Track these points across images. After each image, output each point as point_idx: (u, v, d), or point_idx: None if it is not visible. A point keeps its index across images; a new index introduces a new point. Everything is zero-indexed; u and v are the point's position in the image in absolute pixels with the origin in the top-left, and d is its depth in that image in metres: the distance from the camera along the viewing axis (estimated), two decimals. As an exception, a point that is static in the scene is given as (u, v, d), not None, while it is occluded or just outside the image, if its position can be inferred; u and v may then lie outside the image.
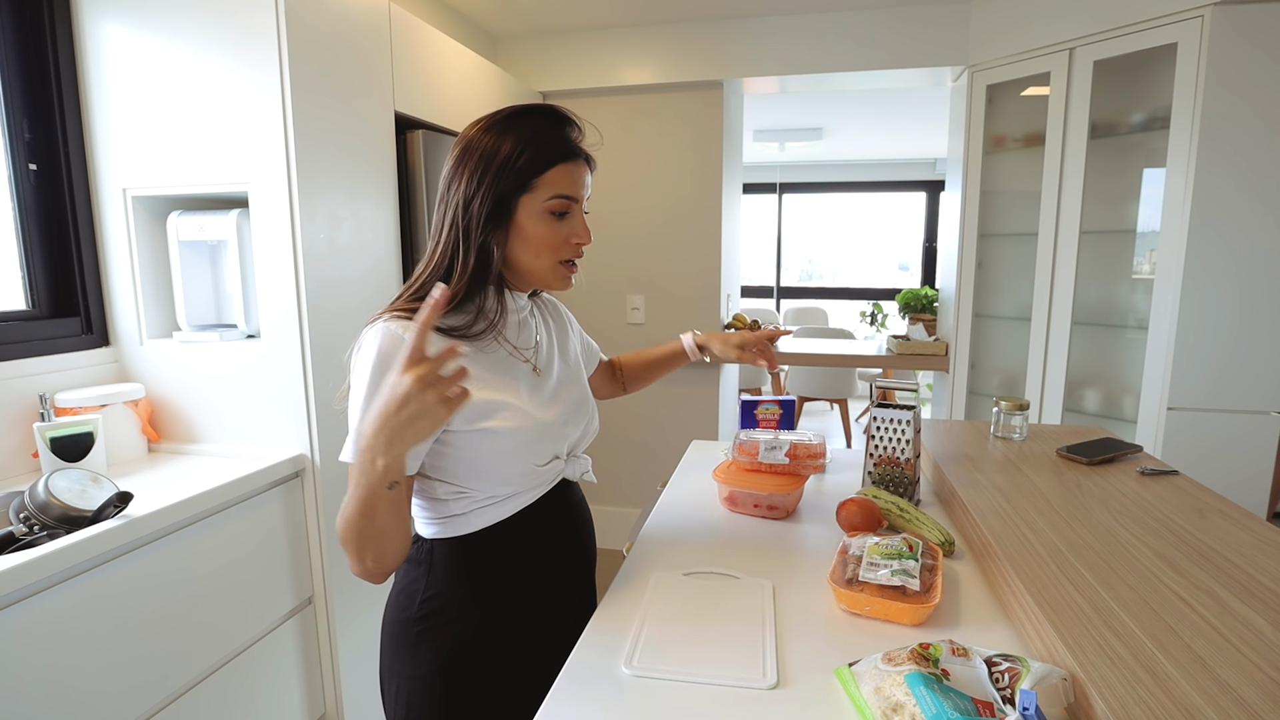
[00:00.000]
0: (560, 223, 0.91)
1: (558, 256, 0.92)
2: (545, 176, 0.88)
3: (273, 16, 1.45)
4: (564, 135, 0.91)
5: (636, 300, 3.09)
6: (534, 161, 0.87)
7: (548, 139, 0.89)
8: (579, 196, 0.91)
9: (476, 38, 2.85)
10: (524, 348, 0.98)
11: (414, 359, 0.69)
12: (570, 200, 0.90)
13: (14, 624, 1.04)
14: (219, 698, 1.41)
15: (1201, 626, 0.75)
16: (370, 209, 1.76)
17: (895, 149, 5.91)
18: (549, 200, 0.88)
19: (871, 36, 2.69)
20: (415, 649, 0.92)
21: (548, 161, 0.88)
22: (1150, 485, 1.22)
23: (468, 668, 0.92)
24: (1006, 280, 2.64)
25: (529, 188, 0.88)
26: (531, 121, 0.89)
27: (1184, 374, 2.04)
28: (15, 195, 1.55)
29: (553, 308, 1.14)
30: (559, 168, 0.89)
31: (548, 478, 0.97)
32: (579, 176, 0.91)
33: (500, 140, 0.88)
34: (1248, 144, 1.92)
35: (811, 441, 1.27)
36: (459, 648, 0.92)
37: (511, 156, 0.87)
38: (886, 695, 0.66)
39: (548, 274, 0.93)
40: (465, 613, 0.92)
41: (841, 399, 4.90)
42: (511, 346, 0.96)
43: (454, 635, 0.92)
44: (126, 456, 1.59)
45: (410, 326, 0.83)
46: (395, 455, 0.72)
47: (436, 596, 0.92)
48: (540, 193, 0.88)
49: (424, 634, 0.92)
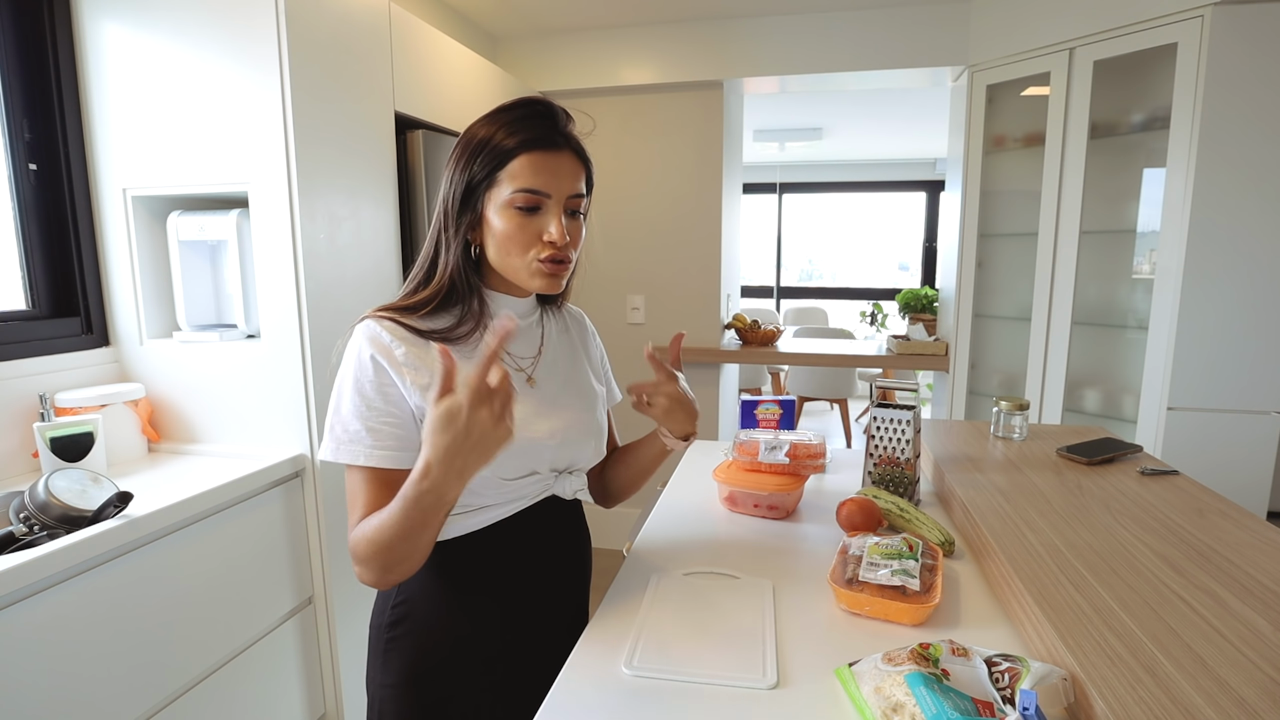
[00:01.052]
0: (528, 218, 0.84)
1: (528, 255, 0.85)
2: (509, 168, 0.83)
3: (273, 17, 1.45)
4: (535, 124, 0.84)
5: (636, 300, 3.09)
6: (498, 152, 0.83)
7: (516, 129, 0.83)
8: (550, 190, 0.84)
9: (476, 38, 2.85)
10: (520, 355, 0.94)
11: (476, 388, 0.67)
12: (536, 194, 0.83)
13: (14, 624, 1.04)
14: (219, 698, 1.41)
15: (1201, 626, 0.75)
16: (370, 209, 1.76)
17: (895, 149, 5.91)
18: (513, 193, 0.83)
19: (871, 36, 2.69)
20: (385, 657, 0.90)
21: (510, 152, 0.83)
22: (1150, 485, 1.22)
23: (439, 680, 0.89)
24: (1006, 280, 2.64)
25: (494, 180, 0.84)
26: (510, 111, 0.85)
27: (1184, 374, 2.04)
28: (15, 195, 1.55)
29: (576, 322, 1.08)
30: (523, 158, 0.82)
31: (526, 492, 0.92)
32: (552, 169, 0.84)
33: (479, 130, 0.85)
34: (1248, 144, 1.91)
35: (811, 441, 1.27)
36: (427, 658, 0.89)
37: (480, 146, 0.84)
38: (886, 695, 0.66)
39: (522, 273, 0.87)
40: (434, 623, 0.89)
41: (841, 399, 4.90)
42: (504, 353, 0.92)
43: (422, 645, 0.89)
44: (126, 456, 1.59)
45: (392, 329, 0.84)
46: (463, 483, 0.72)
47: (405, 604, 0.90)
48: (504, 186, 0.83)
49: (394, 641, 0.90)
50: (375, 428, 0.81)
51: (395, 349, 0.83)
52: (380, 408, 0.82)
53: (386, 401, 0.82)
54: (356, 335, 0.84)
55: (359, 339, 0.84)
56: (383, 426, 0.82)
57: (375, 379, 0.82)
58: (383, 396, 0.82)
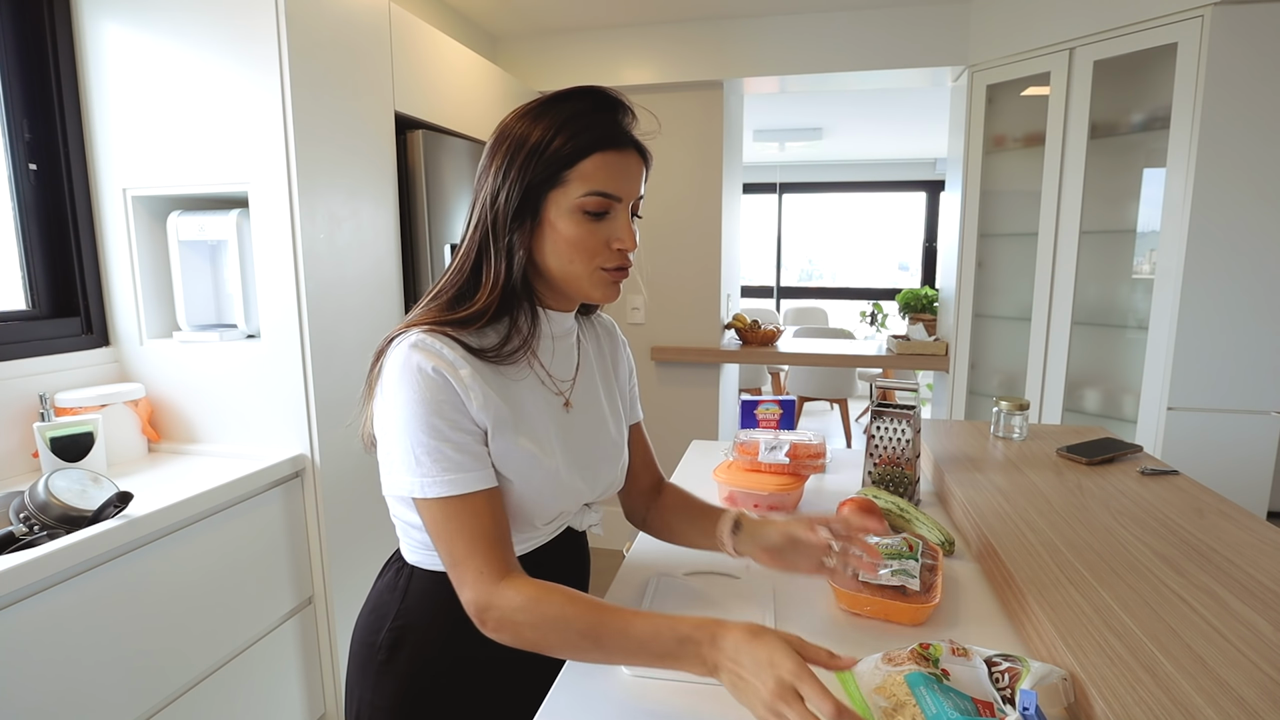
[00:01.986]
0: (597, 223, 0.78)
1: (594, 263, 0.79)
2: (579, 168, 0.75)
3: (273, 16, 1.45)
4: (605, 120, 0.77)
5: (636, 300, 3.09)
6: (565, 150, 0.75)
7: (584, 124, 0.75)
8: (621, 193, 0.78)
9: (476, 38, 2.85)
10: (560, 378, 0.87)
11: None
12: (608, 198, 0.77)
13: (14, 624, 1.04)
14: (219, 698, 1.41)
15: (1201, 626, 0.75)
16: (370, 209, 1.76)
17: (895, 149, 5.91)
18: (582, 197, 0.76)
19: (871, 36, 2.69)
20: (379, 677, 0.85)
21: (580, 151, 0.75)
22: (1150, 485, 1.22)
23: (433, 703, 0.85)
24: (1006, 280, 2.64)
25: (559, 181, 0.76)
26: (569, 105, 0.77)
27: (1184, 374, 2.04)
28: (15, 195, 1.55)
29: (607, 333, 1.01)
30: (594, 158, 0.75)
31: (547, 533, 0.87)
32: (623, 170, 0.78)
33: (532, 126, 0.76)
34: (1248, 144, 1.91)
35: (811, 441, 1.27)
36: (424, 683, 0.84)
37: (541, 144, 0.75)
38: (888, 695, 0.66)
39: (583, 282, 0.80)
40: (433, 649, 0.84)
41: (841, 399, 4.89)
42: (545, 373, 0.85)
43: (419, 670, 0.84)
44: (126, 456, 1.59)
45: (451, 344, 0.75)
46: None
47: (406, 627, 0.84)
48: (573, 187, 0.76)
49: (389, 663, 0.84)
50: (467, 444, 0.75)
51: (460, 368, 0.75)
52: (465, 424, 0.75)
53: (463, 416, 0.75)
54: (408, 351, 0.74)
55: (414, 355, 0.74)
56: (474, 443, 0.75)
57: (449, 397, 0.74)
58: (459, 412, 0.75)
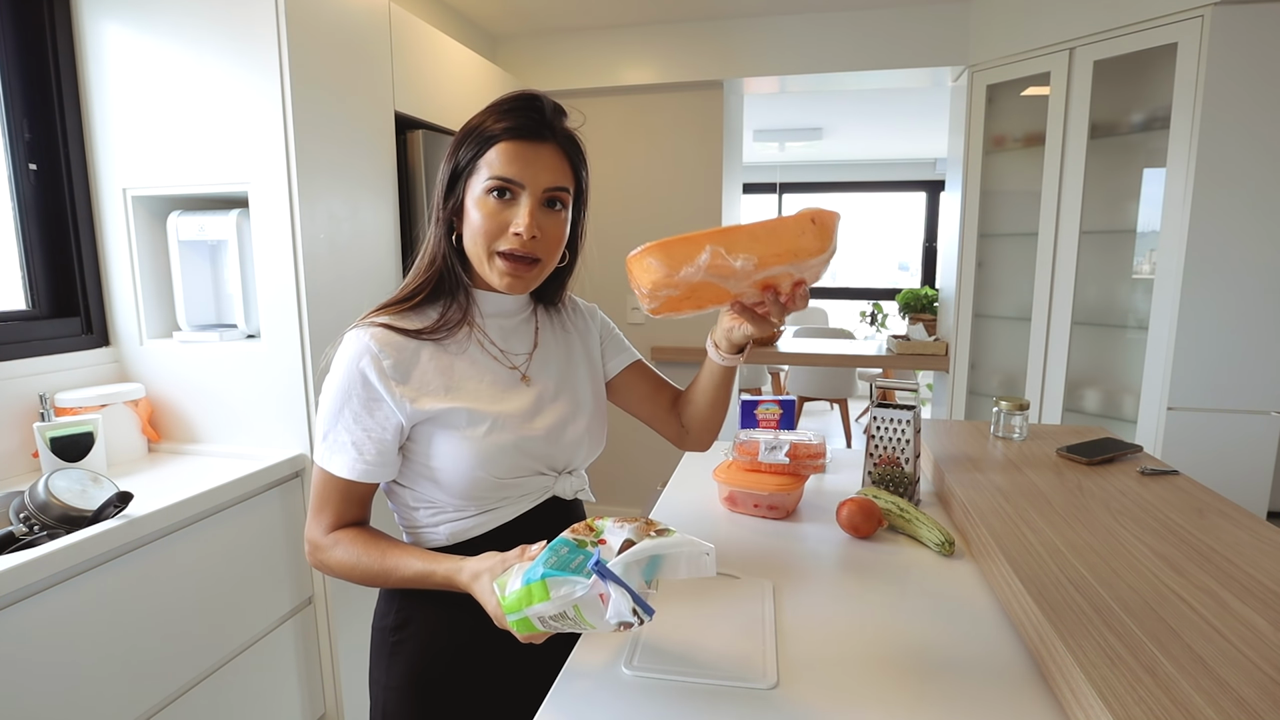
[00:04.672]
0: (501, 208, 0.83)
1: (491, 245, 0.84)
2: (486, 156, 0.83)
3: (273, 16, 1.45)
4: (519, 115, 0.83)
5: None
6: (480, 139, 0.83)
7: (498, 117, 0.83)
8: (524, 180, 0.82)
9: (476, 38, 2.85)
10: (512, 352, 0.93)
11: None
12: (509, 183, 0.82)
13: (14, 624, 1.04)
14: (219, 698, 1.41)
15: (1201, 626, 0.75)
16: (370, 209, 1.76)
17: (895, 149, 5.91)
18: (486, 180, 0.82)
19: (871, 36, 2.69)
20: (390, 659, 0.91)
21: (489, 140, 0.83)
22: (1150, 485, 1.22)
23: (442, 683, 0.89)
24: (1006, 280, 2.64)
25: (474, 169, 0.84)
26: (502, 103, 0.85)
27: (1184, 374, 2.04)
28: (15, 195, 1.55)
29: (580, 317, 1.05)
30: (500, 146, 0.82)
31: (527, 491, 0.91)
32: (530, 159, 0.82)
33: (473, 120, 0.86)
34: (1248, 144, 1.91)
35: (811, 441, 1.27)
36: (431, 661, 0.89)
37: (467, 134, 0.85)
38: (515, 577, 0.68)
39: (485, 267, 0.85)
40: (437, 627, 0.89)
41: (841, 399, 4.89)
42: (497, 350, 0.92)
43: (425, 649, 0.89)
44: (126, 456, 1.59)
45: (381, 337, 0.84)
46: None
47: (407, 607, 0.90)
48: (481, 173, 0.83)
49: (398, 645, 0.90)
50: (360, 442, 0.83)
51: (383, 359, 0.83)
52: (366, 423, 0.83)
53: (372, 416, 0.83)
54: (346, 344, 0.85)
55: (349, 348, 0.84)
56: (367, 441, 0.83)
57: (364, 393, 0.83)
58: (368, 411, 0.83)
